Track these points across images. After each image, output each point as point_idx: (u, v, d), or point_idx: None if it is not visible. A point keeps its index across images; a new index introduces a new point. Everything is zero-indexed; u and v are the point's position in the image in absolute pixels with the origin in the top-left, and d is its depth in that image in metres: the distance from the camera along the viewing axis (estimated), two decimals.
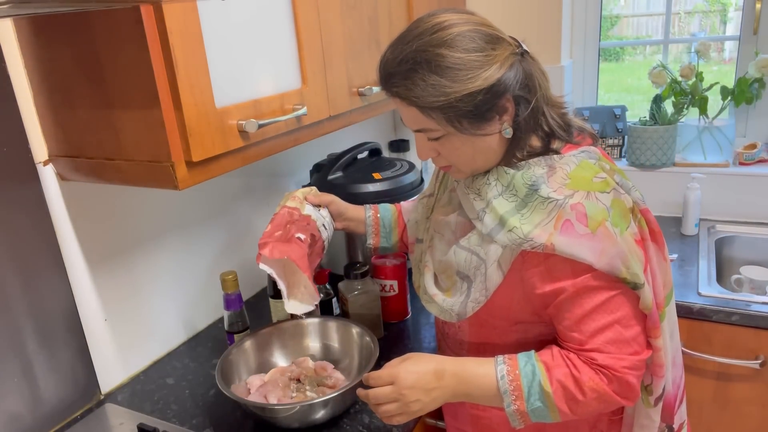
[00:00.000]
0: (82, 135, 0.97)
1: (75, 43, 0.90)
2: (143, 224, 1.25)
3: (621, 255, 0.80)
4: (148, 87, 0.84)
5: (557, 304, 0.84)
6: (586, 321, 0.82)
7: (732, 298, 1.42)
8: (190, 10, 0.85)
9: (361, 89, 1.29)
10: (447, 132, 0.83)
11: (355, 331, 1.19)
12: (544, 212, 0.81)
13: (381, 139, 2.12)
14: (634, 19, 2.67)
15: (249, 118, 0.97)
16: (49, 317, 1.06)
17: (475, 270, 0.87)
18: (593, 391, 0.82)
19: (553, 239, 0.79)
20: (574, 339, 0.84)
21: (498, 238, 0.84)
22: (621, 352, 0.82)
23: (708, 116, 1.86)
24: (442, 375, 0.85)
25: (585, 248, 0.79)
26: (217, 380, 1.03)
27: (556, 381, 0.82)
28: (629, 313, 0.83)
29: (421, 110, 0.81)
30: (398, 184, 1.49)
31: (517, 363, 0.84)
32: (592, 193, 0.82)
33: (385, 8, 1.39)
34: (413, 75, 0.79)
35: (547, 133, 0.88)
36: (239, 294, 1.24)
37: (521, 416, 0.84)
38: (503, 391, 0.83)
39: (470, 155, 0.86)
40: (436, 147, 0.87)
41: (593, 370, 0.82)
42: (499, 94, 0.80)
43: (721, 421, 1.47)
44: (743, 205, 1.80)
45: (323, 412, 1.01)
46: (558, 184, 0.83)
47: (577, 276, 0.81)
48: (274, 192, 1.63)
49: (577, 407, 0.83)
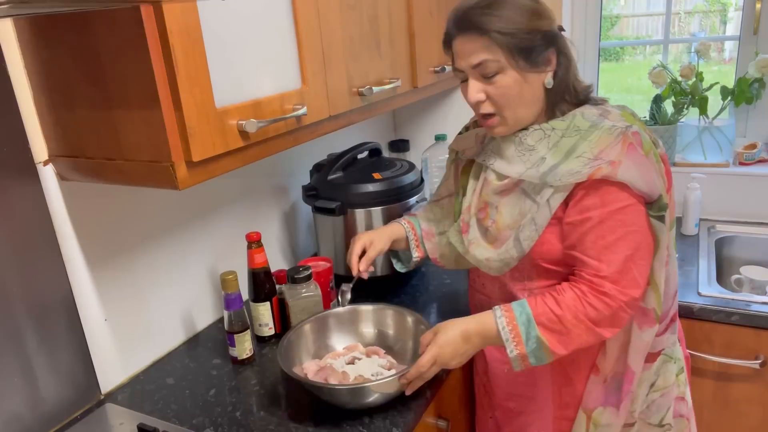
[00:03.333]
0: (82, 135, 0.97)
1: (75, 44, 0.90)
2: (143, 224, 1.25)
3: (658, 179, 0.97)
4: (148, 87, 0.84)
5: (583, 233, 0.96)
6: (605, 251, 0.95)
7: (732, 298, 1.42)
8: (190, 10, 0.85)
9: (361, 89, 1.29)
10: (504, 66, 0.96)
11: (410, 319, 1.20)
12: (611, 136, 0.95)
13: (381, 139, 2.12)
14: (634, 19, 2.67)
15: (249, 118, 0.97)
16: (50, 317, 1.06)
17: (530, 212, 1.00)
18: (575, 326, 0.95)
19: (621, 157, 0.93)
20: (591, 265, 0.96)
21: (551, 180, 0.96)
22: (629, 286, 0.95)
23: (708, 116, 1.86)
24: (469, 337, 1.00)
25: (638, 170, 0.93)
26: (279, 360, 1.09)
27: (540, 324, 0.96)
28: (644, 251, 0.97)
29: (492, 36, 0.94)
30: (398, 184, 1.49)
31: (513, 314, 0.98)
32: (640, 129, 0.98)
33: (385, 8, 1.39)
34: (490, 8, 0.95)
35: (577, 94, 1.03)
36: (239, 294, 1.24)
37: (522, 359, 0.97)
38: (505, 339, 0.97)
39: (517, 99, 0.99)
40: (487, 89, 0.99)
41: (596, 297, 0.95)
42: (550, 42, 0.98)
43: (721, 421, 1.47)
44: (743, 205, 1.80)
45: (377, 395, 1.04)
46: (616, 119, 0.99)
47: (605, 206, 0.94)
48: (274, 192, 1.63)
49: (566, 341, 0.96)
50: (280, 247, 1.67)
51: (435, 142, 1.96)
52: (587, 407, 1.10)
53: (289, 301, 1.27)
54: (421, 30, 1.57)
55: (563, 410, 1.13)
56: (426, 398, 1.11)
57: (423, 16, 1.58)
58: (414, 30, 1.53)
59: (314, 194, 1.51)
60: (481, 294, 1.18)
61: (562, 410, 1.13)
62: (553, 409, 1.13)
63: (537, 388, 1.14)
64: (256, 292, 1.30)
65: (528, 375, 1.13)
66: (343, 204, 1.46)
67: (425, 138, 2.12)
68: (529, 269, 1.05)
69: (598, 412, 1.09)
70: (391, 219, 1.34)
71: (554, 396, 1.12)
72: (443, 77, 1.74)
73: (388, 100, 1.46)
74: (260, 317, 1.32)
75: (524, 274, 1.06)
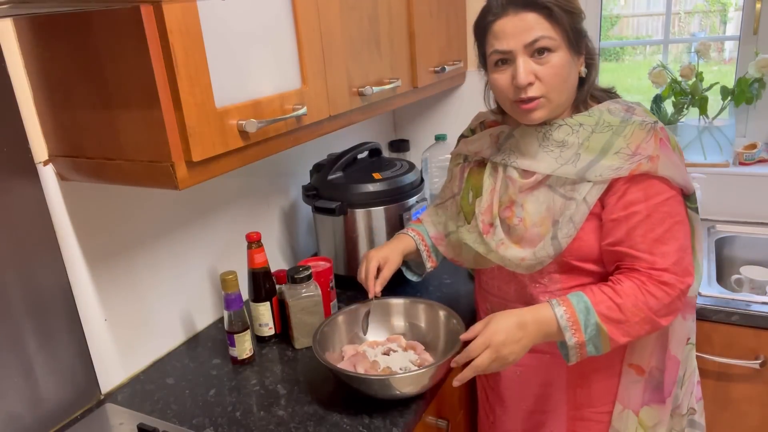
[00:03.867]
0: (82, 135, 0.97)
1: (75, 43, 0.90)
2: (143, 224, 1.25)
3: (686, 172, 1.00)
4: (148, 87, 0.84)
5: (631, 228, 0.96)
6: (657, 244, 0.95)
7: (732, 298, 1.42)
8: (190, 10, 0.85)
9: (361, 89, 1.29)
10: (560, 46, 0.96)
11: (442, 314, 1.21)
12: (644, 131, 0.96)
13: (381, 139, 2.12)
14: (634, 19, 2.67)
15: (249, 118, 0.97)
16: (49, 317, 1.06)
17: (565, 209, 0.99)
18: (635, 315, 0.94)
19: (658, 152, 0.94)
20: (645, 260, 0.96)
21: (591, 176, 0.96)
22: (684, 274, 0.97)
23: (708, 116, 1.86)
24: (525, 325, 0.96)
25: (672, 164, 0.95)
26: (313, 348, 1.11)
27: (600, 312, 0.94)
28: (690, 239, 1.00)
29: (554, 14, 0.95)
30: (398, 184, 1.49)
31: (570, 303, 0.96)
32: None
33: (385, 8, 1.39)
34: None
35: (599, 95, 1.06)
36: (239, 294, 1.24)
37: (580, 348, 0.95)
38: (563, 327, 0.95)
39: (564, 81, 0.99)
40: (537, 70, 0.97)
41: (657, 286, 0.95)
42: (587, 32, 1.02)
43: (721, 421, 1.47)
44: (743, 205, 1.80)
45: (410, 387, 1.06)
46: (643, 114, 1.00)
47: (649, 199, 0.95)
48: (274, 192, 1.63)
49: (626, 329, 0.95)
50: (280, 247, 1.67)
51: (435, 142, 1.96)
52: (633, 408, 1.09)
53: (289, 301, 1.27)
54: (421, 30, 1.57)
55: (577, 410, 1.12)
56: (426, 398, 1.11)
57: (423, 16, 1.58)
58: (414, 30, 1.53)
59: (314, 194, 1.51)
60: (496, 297, 1.15)
61: (576, 410, 1.12)
62: (566, 410, 1.13)
63: (552, 389, 1.13)
64: (256, 292, 1.30)
65: (543, 376, 1.12)
66: (343, 204, 1.46)
67: (425, 138, 2.12)
68: (554, 268, 1.04)
69: (644, 411, 1.09)
70: (391, 219, 1.34)
71: (569, 396, 1.12)
72: (443, 77, 1.74)
73: (388, 100, 1.46)
74: (260, 317, 1.32)
75: (545, 275, 1.05)
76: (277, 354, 1.30)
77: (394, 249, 1.23)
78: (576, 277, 1.03)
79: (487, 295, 1.18)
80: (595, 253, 1.01)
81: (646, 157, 0.94)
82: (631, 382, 1.08)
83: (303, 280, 1.27)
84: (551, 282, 1.05)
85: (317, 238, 1.60)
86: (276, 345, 1.33)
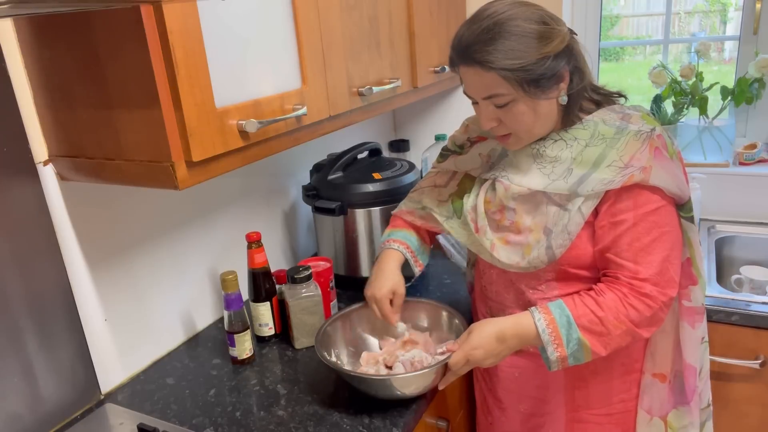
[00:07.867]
0: (82, 135, 0.97)
1: (75, 43, 0.90)
2: (143, 224, 1.25)
3: (684, 180, 0.98)
4: (148, 87, 0.84)
5: (617, 236, 0.95)
6: (642, 254, 0.95)
7: (732, 298, 1.42)
8: (190, 10, 0.85)
9: (361, 89, 1.29)
10: (515, 97, 0.93)
11: (445, 313, 1.21)
12: (638, 141, 0.94)
13: (381, 139, 2.12)
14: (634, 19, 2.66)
15: (249, 118, 0.97)
16: (49, 317, 1.06)
17: (559, 219, 0.98)
18: (616, 327, 0.95)
19: (651, 162, 0.93)
20: (629, 268, 0.95)
21: (582, 191, 0.95)
22: (667, 286, 0.96)
23: (708, 116, 1.86)
24: (504, 338, 0.98)
25: (666, 173, 0.94)
26: (316, 348, 1.12)
27: (582, 326, 0.95)
28: (677, 250, 0.98)
29: (499, 73, 0.91)
30: (398, 184, 1.49)
31: (553, 317, 0.96)
32: (663, 131, 0.98)
33: (385, 8, 1.39)
34: (494, 42, 0.90)
35: (596, 98, 1.02)
36: (239, 294, 1.24)
37: (562, 361, 0.96)
38: (546, 342, 0.96)
39: (531, 121, 0.96)
40: (500, 115, 0.97)
41: (638, 299, 0.94)
42: (561, 62, 0.94)
43: (721, 421, 1.47)
44: (743, 205, 1.80)
45: (411, 388, 1.06)
46: (638, 122, 0.97)
47: (638, 208, 0.94)
48: (274, 192, 1.63)
49: (607, 342, 0.95)
50: (280, 247, 1.67)
51: (435, 142, 1.96)
52: (661, 415, 1.10)
53: (289, 301, 1.27)
54: (421, 30, 1.57)
55: (575, 412, 1.12)
56: (426, 398, 1.11)
57: (423, 16, 1.58)
58: (414, 30, 1.53)
59: (314, 194, 1.51)
60: (495, 302, 1.15)
61: (574, 412, 1.12)
62: (565, 412, 1.13)
63: (549, 391, 1.13)
64: (256, 292, 1.30)
65: (540, 378, 1.13)
66: (343, 204, 1.46)
67: (425, 138, 2.12)
68: (551, 275, 1.03)
69: (672, 415, 1.10)
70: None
71: (567, 398, 1.12)
72: (443, 77, 1.74)
73: (388, 100, 1.46)
74: (260, 317, 1.32)
75: (542, 282, 1.04)
76: (277, 354, 1.30)
77: (394, 274, 1.17)
78: (573, 284, 1.03)
79: (486, 300, 1.18)
80: (591, 261, 1.01)
81: (638, 168, 0.92)
82: (656, 391, 1.09)
83: (303, 280, 1.27)
84: (549, 289, 1.05)
85: (317, 238, 1.60)
86: (276, 345, 1.33)
